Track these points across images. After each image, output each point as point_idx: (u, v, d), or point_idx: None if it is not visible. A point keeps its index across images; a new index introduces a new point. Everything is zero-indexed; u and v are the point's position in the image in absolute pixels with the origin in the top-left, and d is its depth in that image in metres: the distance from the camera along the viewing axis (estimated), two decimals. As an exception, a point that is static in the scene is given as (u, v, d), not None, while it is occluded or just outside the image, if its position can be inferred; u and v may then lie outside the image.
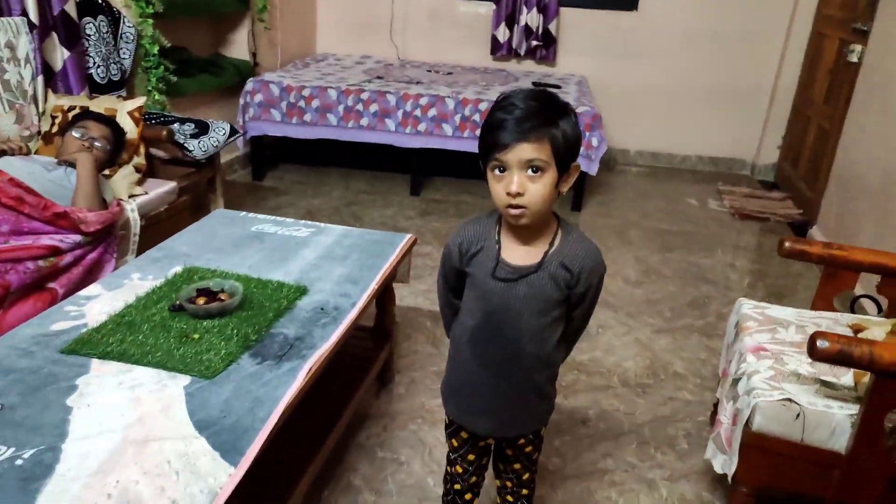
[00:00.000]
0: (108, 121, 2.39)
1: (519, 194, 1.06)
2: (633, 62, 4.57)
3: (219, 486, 1.03)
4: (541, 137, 1.05)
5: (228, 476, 1.05)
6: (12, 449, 1.05)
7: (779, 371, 1.54)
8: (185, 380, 1.26)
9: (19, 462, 1.03)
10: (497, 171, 1.08)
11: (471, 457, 1.38)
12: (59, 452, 1.05)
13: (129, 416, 1.15)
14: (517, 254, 1.16)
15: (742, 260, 3.31)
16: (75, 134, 2.28)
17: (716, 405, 1.96)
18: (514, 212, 1.09)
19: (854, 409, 1.42)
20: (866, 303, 2.10)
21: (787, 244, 1.81)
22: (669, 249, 3.35)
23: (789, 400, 1.44)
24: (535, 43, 4.55)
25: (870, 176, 2.86)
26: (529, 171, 1.06)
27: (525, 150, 1.05)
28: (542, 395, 1.27)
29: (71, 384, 1.22)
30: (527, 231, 1.15)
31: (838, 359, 1.30)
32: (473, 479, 1.42)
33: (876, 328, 1.65)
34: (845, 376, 1.53)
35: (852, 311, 1.99)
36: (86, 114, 2.38)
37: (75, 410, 1.15)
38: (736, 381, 1.61)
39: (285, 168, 4.24)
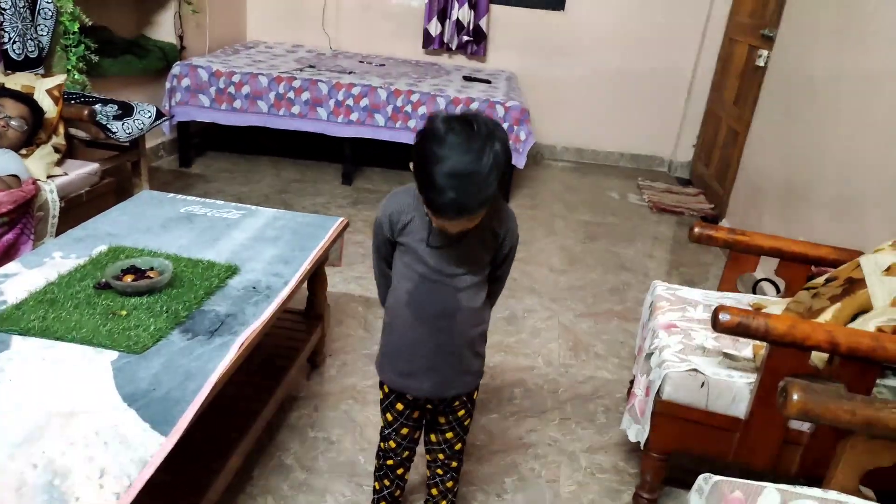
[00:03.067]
0: (26, 99, 2.29)
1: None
2: (559, 60, 4.72)
3: (149, 455, 1.03)
4: (483, 209, 1.13)
5: (159, 445, 1.05)
6: (-71, 423, 1.02)
7: (687, 345, 1.66)
8: (112, 355, 1.25)
9: (-63, 435, 1.00)
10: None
11: (404, 430, 1.42)
12: (-20, 425, 1.03)
13: (53, 390, 1.13)
14: None
15: (659, 250, 3.49)
16: None
17: (632, 381, 2.08)
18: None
19: (752, 377, 1.55)
20: (766, 286, 2.28)
21: (696, 230, 1.94)
22: (592, 240, 3.50)
23: (695, 370, 1.56)
24: (466, 38, 4.63)
25: (771, 173, 3.08)
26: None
27: (466, 221, 1.14)
28: (475, 353, 1.35)
29: (-10, 359, 1.19)
30: None
31: (738, 330, 1.42)
32: (406, 453, 1.46)
33: (774, 307, 1.80)
34: (745, 350, 1.67)
35: (754, 293, 2.16)
36: (2, 91, 2.28)
37: (-4, 385, 1.12)
38: (649, 356, 1.72)
39: (213, 155, 4.15)
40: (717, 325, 1.43)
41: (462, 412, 1.41)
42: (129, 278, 1.46)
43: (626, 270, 3.16)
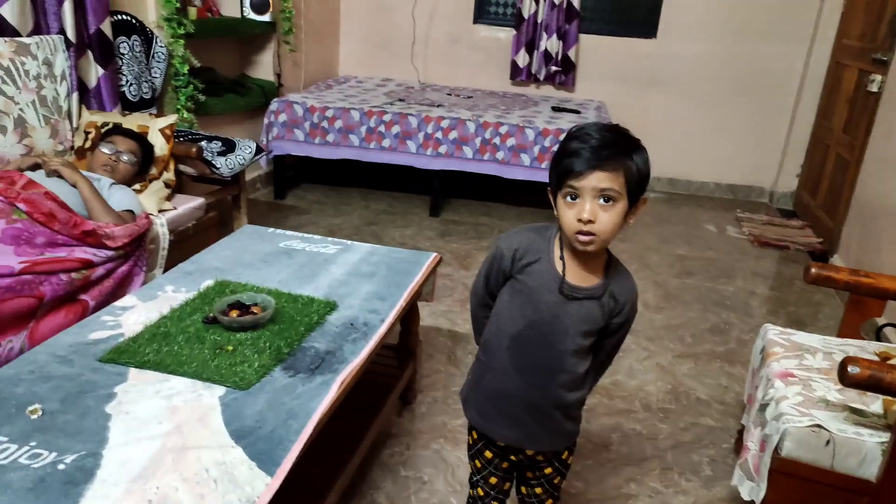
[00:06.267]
0: (136, 135, 2.43)
1: (590, 221, 1.07)
2: (651, 88, 4.61)
3: (256, 496, 1.04)
4: (616, 167, 1.06)
5: (265, 485, 1.06)
6: (54, 454, 1.07)
7: (807, 397, 1.53)
8: (220, 390, 1.27)
9: (61, 467, 1.04)
10: (569, 199, 1.09)
11: (493, 480, 1.37)
12: (100, 458, 1.07)
13: (166, 424, 1.16)
14: (575, 274, 1.17)
15: (762, 287, 3.30)
16: (104, 149, 2.33)
17: (740, 432, 1.95)
18: (583, 238, 1.10)
19: (884, 436, 1.41)
20: (892, 332, 2.10)
21: (813, 270, 1.81)
22: (689, 275, 3.35)
23: (819, 426, 1.43)
24: (554, 68, 4.61)
25: (891, 205, 2.85)
26: (601, 200, 1.07)
27: (599, 178, 1.06)
28: (568, 416, 1.26)
29: (109, 392, 1.24)
30: (587, 255, 1.16)
31: (869, 384, 1.29)
32: (495, 503, 1.41)
33: (904, 356, 1.64)
34: (874, 404, 1.52)
35: (878, 339, 1.98)
36: (114, 129, 2.43)
37: (114, 417, 1.17)
38: (764, 407, 1.60)
39: (306, 187, 4.29)
40: (845, 379, 1.31)
41: (549, 470, 1.33)
42: (234, 314, 1.50)
43: (727, 309, 3.00)
